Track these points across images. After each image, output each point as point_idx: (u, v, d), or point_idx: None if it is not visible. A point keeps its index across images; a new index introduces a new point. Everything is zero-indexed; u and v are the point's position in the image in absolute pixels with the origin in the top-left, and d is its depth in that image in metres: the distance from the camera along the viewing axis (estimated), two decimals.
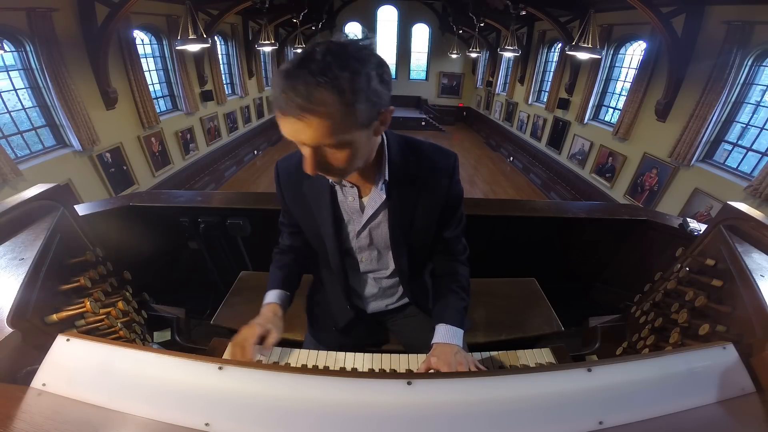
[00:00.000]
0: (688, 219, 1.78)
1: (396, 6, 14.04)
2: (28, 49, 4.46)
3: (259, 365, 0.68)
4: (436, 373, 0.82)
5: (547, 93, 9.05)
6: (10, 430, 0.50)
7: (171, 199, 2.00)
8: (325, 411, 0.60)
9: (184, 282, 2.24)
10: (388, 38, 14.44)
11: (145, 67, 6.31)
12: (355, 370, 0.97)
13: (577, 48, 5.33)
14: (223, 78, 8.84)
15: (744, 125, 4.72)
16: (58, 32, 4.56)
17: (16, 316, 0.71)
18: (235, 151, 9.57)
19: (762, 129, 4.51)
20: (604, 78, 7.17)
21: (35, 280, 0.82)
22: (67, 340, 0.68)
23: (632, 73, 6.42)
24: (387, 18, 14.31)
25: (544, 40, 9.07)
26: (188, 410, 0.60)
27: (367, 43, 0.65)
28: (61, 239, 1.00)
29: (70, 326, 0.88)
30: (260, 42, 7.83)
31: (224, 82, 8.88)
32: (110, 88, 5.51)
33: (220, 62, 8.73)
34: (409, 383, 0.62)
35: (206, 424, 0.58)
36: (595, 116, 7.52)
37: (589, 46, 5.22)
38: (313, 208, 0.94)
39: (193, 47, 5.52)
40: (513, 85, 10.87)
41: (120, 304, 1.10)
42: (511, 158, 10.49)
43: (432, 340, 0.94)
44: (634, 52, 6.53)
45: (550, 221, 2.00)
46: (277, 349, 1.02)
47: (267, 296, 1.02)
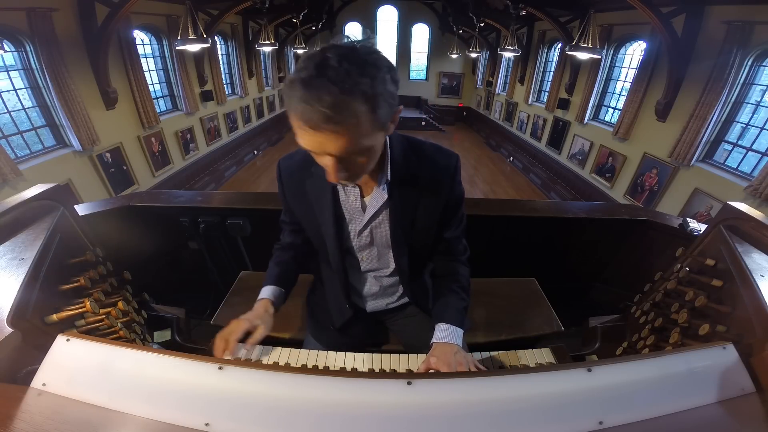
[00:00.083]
0: (688, 219, 1.78)
1: (396, 6, 14.04)
2: (28, 49, 4.45)
3: (259, 365, 0.68)
4: (436, 373, 0.82)
5: (547, 93, 9.05)
6: (10, 430, 0.50)
7: (171, 199, 2.00)
8: (325, 411, 0.60)
9: (184, 282, 2.24)
10: (388, 38, 14.43)
11: (145, 67, 6.31)
12: (355, 370, 0.97)
13: (577, 48, 5.33)
14: (223, 78, 8.83)
15: (744, 125, 4.72)
16: (58, 32, 4.56)
17: (16, 316, 0.71)
18: (235, 151, 9.57)
19: (762, 129, 4.51)
20: (604, 78, 7.17)
21: (35, 280, 0.82)
22: (67, 340, 0.68)
23: (632, 73, 6.42)
24: (387, 18, 14.31)
25: (544, 40, 9.07)
26: (188, 410, 0.60)
27: (373, 45, 0.65)
28: (61, 239, 1.00)
29: (70, 326, 0.88)
30: (260, 42, 7.82)
31: (224, 82, 8.87)
32: (110, 88, 5.51)
33: (220, 62, 8.73)
34: (409, 383, 0.62)
35: (206, 424, 0.58)
36: (595, 116, 7.51)
37: (589, 46, 5.22)
38: (314, 207, 0.94)
39: (193, 47, 5.52)
40: (513, 85, 10.86)
41: (120, 304, 1.10)
42: (511, 158, 10.49)
43: (432, 340, 0.94)
44: (634, 52, 6.53)
45: (550, 221, 2.00)
46: (277, 349, 1.02)
47: (262, 292, 1.03)
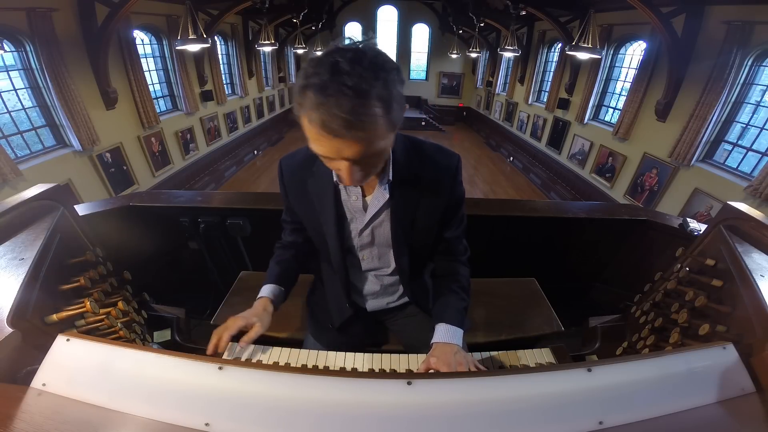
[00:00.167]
0: (688, 219, 1.78)
1: (396, 6, 14.03)
2: (28, 49, 4.45)
3: (258, 365, 0.68)
4: (436, 373, 0.82)
5: (547, 93, 9.04)
6: (10, 430, 0.50)
7: (171, 199, 2.00)
8: (325, 411, 0.60)
9: (184, 282, 2.24)
10: (388, 38, 14.42)
11: (145, 67, 6.31)
12: (355, 370, 0.97)
13: (577, 48, 5.32)
14: (223, 78, 8.83)
15: (744, 125, 4.72)
16: (58, 32, 4.56)
17: (16, 316, 0.71)
18: (235, 151, 9.57)
19: (762, 129, 4.51)
20: (604, 78, 7.17)
21: (35, 280, 0.82)
22: (67, 340, 0.68)
23: (632, 73, 6.42)
24: (387, 18, 14.31)
25: (544, 40, 9.07)
26: (188, 410, 0.60)
27: (377, 46, 0.65)
28: (61, 239, 1.00)
29: (70, 326, 0.88)
30: (260, 42, 7.82)
31: (224, 82, 8.87)
32: (110, 88, 5.51)
33: (220, 62, 8.72)
34: (409, 383, 0.62)
35: (206, 424, 0.58)
36: (595, 116, 7.51)
37: (589, 46, 5.21)
38: (316, 206, 0.94)
39: (193, 47, 5.51)
40: (513, 85, 10.86)
41: (120, 304, 1.10)
42: (511, 158, 10.49)
43: (432, 340, 0.94)
44: (634, 52, 6.53)
45: (550, 221, 2.00)
46: (277, 348, 1.02)
47: (261, 290, 1.03)
